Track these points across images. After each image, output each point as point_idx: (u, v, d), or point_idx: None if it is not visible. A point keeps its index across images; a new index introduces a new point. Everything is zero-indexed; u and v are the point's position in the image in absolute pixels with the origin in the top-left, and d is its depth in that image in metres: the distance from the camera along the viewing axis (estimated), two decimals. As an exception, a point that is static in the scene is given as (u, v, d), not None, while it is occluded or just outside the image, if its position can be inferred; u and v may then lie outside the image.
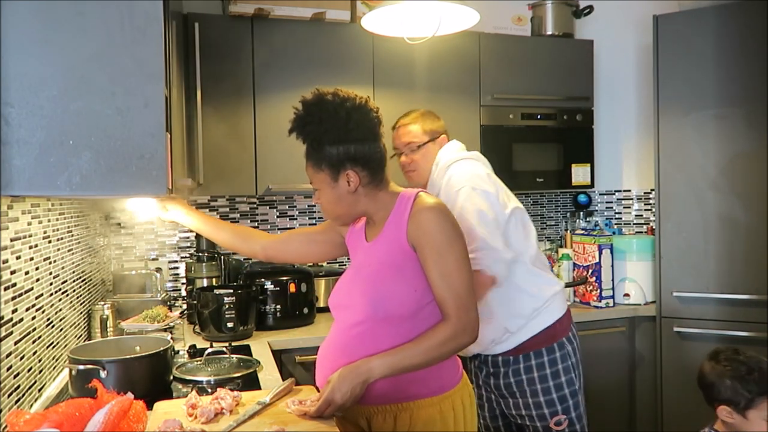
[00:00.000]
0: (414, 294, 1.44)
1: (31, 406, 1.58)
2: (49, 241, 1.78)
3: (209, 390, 1.66)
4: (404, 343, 1.43)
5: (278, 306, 2.44)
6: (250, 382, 1.75)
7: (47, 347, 1.73)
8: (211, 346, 2.00)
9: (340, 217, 1.56)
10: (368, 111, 1.49)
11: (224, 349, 1.97)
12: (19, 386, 1.49)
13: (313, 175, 1.52)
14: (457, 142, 2.09)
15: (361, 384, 1.39)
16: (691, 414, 2.71)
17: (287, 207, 3.02)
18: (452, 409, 1.48)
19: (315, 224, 3.05)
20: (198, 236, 2.71)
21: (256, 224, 2.97)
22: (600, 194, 3.38)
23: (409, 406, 1.46)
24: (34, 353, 1.62)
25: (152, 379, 1.59)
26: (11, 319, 1.46)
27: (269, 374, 1.85)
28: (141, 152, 1.23)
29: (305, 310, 2.50)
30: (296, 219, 3.03)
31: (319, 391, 1.55)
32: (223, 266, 2.67)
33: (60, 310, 1.88)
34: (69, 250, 2.00)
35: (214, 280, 2.63)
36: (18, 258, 1.51)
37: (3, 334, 1.40)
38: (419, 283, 1.45)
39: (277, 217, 3.01)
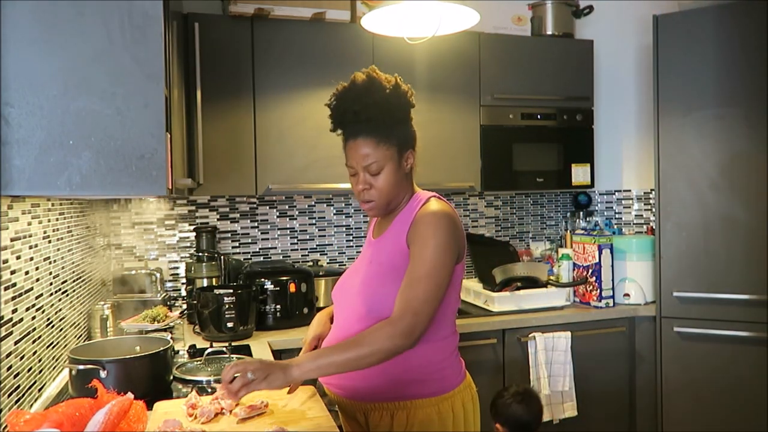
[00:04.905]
0: None
1: (31, 406, 1.58)
2: (49, 241, 1.78)
3: (209, 390, 1.66)
4: (338, 343, 1.36)
5: (278, 306, 2.44)
6: (250, 382, 1.75)
7: (47, 347, 1.73)
8: (211, 346, 1.99)
9: (390, 202, 1.51)
10: (409, 91, 1.51)
11: (224, 349, 1.97)
12: (19, 386, 1.49)
13: (375, 152, 1.44)
14: None
15: (287, 379, 1.30)
16: (691, 414, 2.71)
17: (287, 207, 3.02)
18: (451, 410, 1.48)
19: (314, 224, 3.06)
20: (198, 236, 2.72)
21: (256, 224, 2.97)
22: (600, 194, 3.38)
23: (406, 405, 1.45)
24: (34, 353, 1.62)
25: (152, 379, 1.59)
26: (11, 319, 1.46)
27: (269, 374, 1.85)
28: (141, 152, 1.23)
29: (305, 310, 2.50)
30: (296, 219, 3.03)
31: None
32: (223, 266, 2.67)
33: (60, 310, 1.88)
34: (69, 250, 2.00)
35: (214, 280, 2.63)
36: (18, 258, 1.51)
37: (3, 334, 1.40)
38: None
39: (277, 217, 3.01)
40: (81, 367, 1.50)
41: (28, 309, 1.57)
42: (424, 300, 1.37)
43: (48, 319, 1.75)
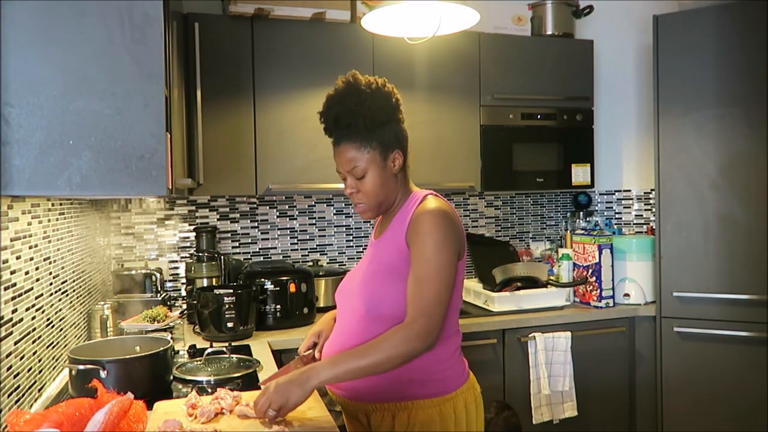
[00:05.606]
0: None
1: (31, 406, 1.58)
2: (49, 241, 1.78)
3: (209, 390, 1.66)
4: (355, 347, 1.38)
5: (278, 306, 2.44)
6: (250, 382, 1.75)
7: (47, 347, 1.73)
8: (211, 346, 2.00)
9: (381, 204, 1.53)
10: (393, 92, 1.53)
11: (224, 349, 1.97)
12: (19, 386, 1.49)
13: (358, 156, 1.47)
14: None
15: (306, 393, 1.31)
16: (691, 414, 2.71)
17: (287, 207, 3.02)
18: (453, 411, 1.47)
19: (314, 224, 3.06)
20: (198, 236, 2.72)
21: (256, 224, 2.97)
22: (600, 194, 3.38)
23: (407, 406, 1.46)
24: (34, 353, 1.62)
25: (152, 379, 1.59)
26: (11, 319, 1.46)
27: (269, 374, 1.85)
28: (141, 152, 1.23)
29: (305, 310, 2.50)
30: (296, 219, 3.03)
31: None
32: (223, 266, 2.67)
33: (60, 310, 1.88)
34: (69, 250, 2.00)
35: (214, 280, 2.63)
36: (18, 258, 1.51)
37: (3, 334, 1.40)
38: None
39: (277, 217, 3.01)
40: (81, 367, 1.50)
41: (28, 309, 1.57)
42: (434, 301, 1.37)
43: (48, 319, 1.75)
